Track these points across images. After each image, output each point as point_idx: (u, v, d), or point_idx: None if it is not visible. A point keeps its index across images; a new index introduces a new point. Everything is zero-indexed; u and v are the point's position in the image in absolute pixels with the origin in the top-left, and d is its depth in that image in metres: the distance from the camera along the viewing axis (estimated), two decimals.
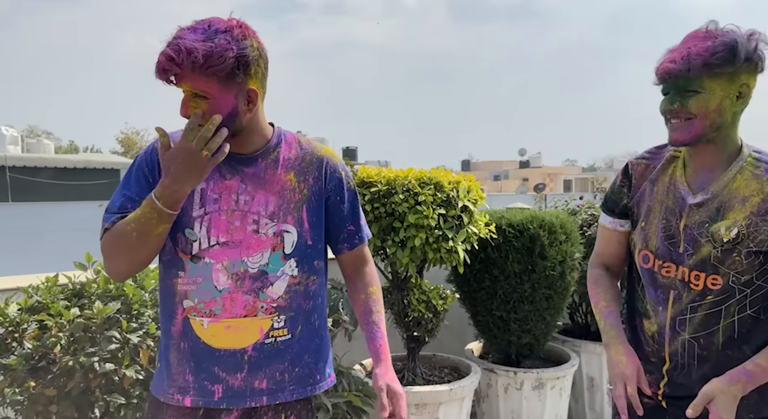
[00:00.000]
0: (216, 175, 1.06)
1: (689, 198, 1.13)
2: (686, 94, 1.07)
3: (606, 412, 2.85)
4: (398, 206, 2.16)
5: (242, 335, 1.07)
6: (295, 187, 1.10)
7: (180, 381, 1.07)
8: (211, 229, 1.05)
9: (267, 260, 1.08)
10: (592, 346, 2.83)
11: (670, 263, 1.15)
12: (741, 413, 1.09)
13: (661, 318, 1.16)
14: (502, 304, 2.51)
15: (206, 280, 1.05)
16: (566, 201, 3.30)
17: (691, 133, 1.08)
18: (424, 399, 2.16)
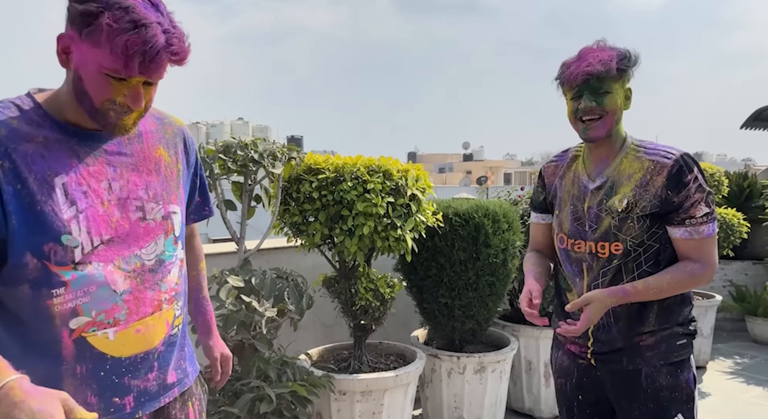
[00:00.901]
0: (74, 162, 0.88)
1: (590, 184, 1.38)
2: (600, 95, 1.28)
3: (542, 393, 3.00)
4: (346, 194, 2.13)
5: (152, 334, 0.98)
6: (170, 162, 1.02)
7: None
8: (91, 228, 0.89)
9: (163, 247, 0.99)
10: (531, 330, 2.95)
11: (579, 240, 1.38)
12: (653, 361, 1.33)
13: (579, 288, 1.38)
14: (448, 291, 2.56)
15: (101, 286, 0.90)
16: (508, 192, 3.41)
17: (605, 128, 1.31)
18: (370, 386, 2.17)
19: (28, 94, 0.91)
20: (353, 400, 2.18)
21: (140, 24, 0.81)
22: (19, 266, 0.85)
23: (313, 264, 2.79)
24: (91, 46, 0.82)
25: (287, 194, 2.26)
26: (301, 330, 2.85)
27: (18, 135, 0.85)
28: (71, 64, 0.86)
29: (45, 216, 0.85)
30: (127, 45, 0.80)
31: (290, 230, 2.31)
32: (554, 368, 1.52)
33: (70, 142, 0.89)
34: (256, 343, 1.87)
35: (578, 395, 1.44)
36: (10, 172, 0.83)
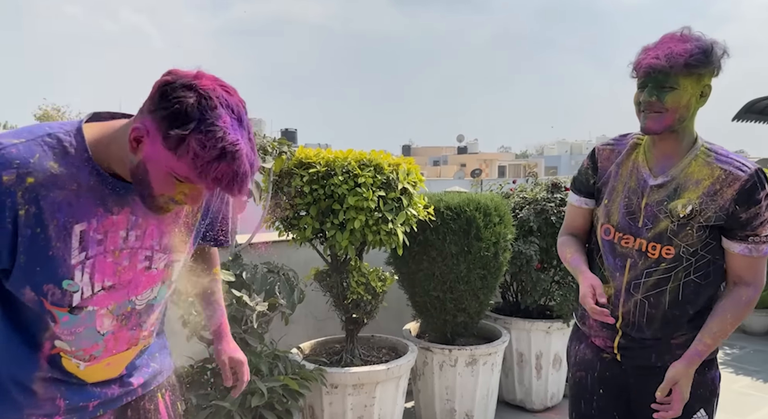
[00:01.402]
0: (100, 210, 0.88)
1: (650, 180, 1.30)
2: (663, 90, 1.20)
3: (534, 385, 3.02)
4: (338, 188, 2.13)
5: (120, 365, 1.01)
6: (189, 212, 1.01)
7: (47, 408, 0.94)
8: (94, 274, 0.89)
9: (156, 293, 1.00)
10: (522, 323, 2.98)
11: (629, 235, 1.32)
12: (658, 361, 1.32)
13: (618, 282, 1.34)
14: (439, 285, 2.56)
15: (88, 328, 0.92)
16: (500, 185, 3.42)
17: (663, 124, 1.23)
18: (362, 379, 2.18)
19: (78, 130, 0.88)
20: (345, 393, 2.19)
21: (229, 152, 0.78)
22: (18, 293, 0.87)
23: (305, 258, 2.79)
24: (172, 155, 0.79)
25: (278, 189, 2.25)
26: (293, 323, 2.85)
27: (53, 182, 0.84)
28: (139, 153, 0.82)
29: (53, 261, 0.85)
30: (216, 175, 0.79)
31: (281, 225, 2.31)
32: (573, 360, 1.48)
33: (103, 191, 0.88)
34: (247, 337, 1.87)
35: (599, 389, 1.41)
36: (33, 217, 0.83)
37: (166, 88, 0.79)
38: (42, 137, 0.85)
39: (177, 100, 0.77)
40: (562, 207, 3.06)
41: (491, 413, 2.75)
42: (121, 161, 0.87)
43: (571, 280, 3.03)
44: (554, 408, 3.10)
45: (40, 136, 0.85)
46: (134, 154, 0.83)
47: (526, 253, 2.91)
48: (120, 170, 0.88)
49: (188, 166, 0.79)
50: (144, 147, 0.81)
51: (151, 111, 0.80)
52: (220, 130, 0.77)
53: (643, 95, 1.23)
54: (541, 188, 3.22)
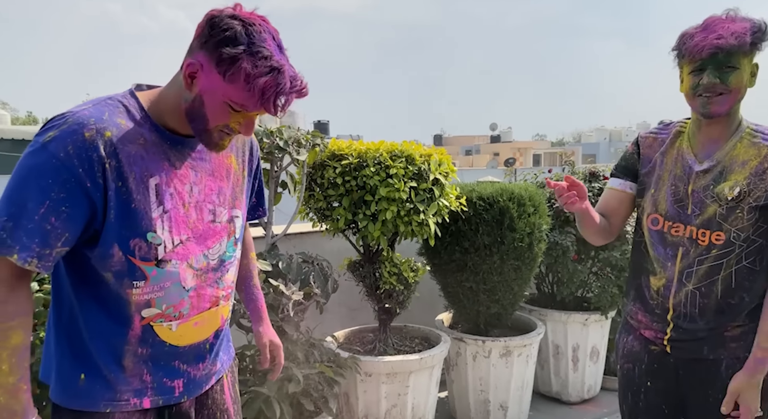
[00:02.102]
0: (166, 165, 0.95)
1: (696, 166, 1.29)
2: (725, 71, 1.19)
3: (570, 377, 2.98)
4: (369, 179, 2.14)
5: (207, 327, 1.05)
6: (237, 170, 1.08)
7: (135, 384, 0.99)
8: (172, 228, 0.95)
9: (225, 248, 1.05)
10: (558, 314, 2.93)
11: (679, 223, 1.30)
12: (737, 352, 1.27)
13: (669, 272, 1.32)
14: (472, 275, 2.55)
15: (174, 283, 0.97)
16: (535, 174, 3.35)
17: (727, 105, 1.22)
18: (395, 368, 2.21)
19: (131, 93, 0.96)
20: (379, 382, 2.22)
21: (276, 69, 0.87)
22: (106, 256, 0.91)
23: (338, 248, 2.83)
24: (226, 81, 0.87)
25: (312, 180, 2.29)
26: (327, 312, 2.91)
27: (125, 135, 0.91)
28: (195, 88, 0.91)
29: (137, 213, 0.91)
30: (264, 89, 0.87)
31: (315, 216, 2.35)
32: (621, 352, 1.46)
33: (164, 145, 0.95)
34: (283, 325, 1.92)
35: (647, 381, 1.39)
36: (115, 170, 0.89)
37: (214, 20, 0.87)
38: (104, 101, 0.93)
39: (226, 28, 0.86)
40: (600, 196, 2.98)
41: (526, 404, 2.73)
42: (173, 115, 0.95)
43: (609, 272, 2.95)
44: (591, 400, 3.05)
45: (102, 100, 0.93)
46: (189, 90, 0.91)
47: (563, 244, 2.86)
48: (174, 124, 0.96)
49: (240, 86, 0.87)
50: (199, 81, 0.90)
51: (203, 44, 0.88)
52: (267, 51, 0.87)
53: (706, 78, 1.20)
54: (578, 176, 3.14)
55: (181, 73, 0.93)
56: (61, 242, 0.86)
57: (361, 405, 2.26)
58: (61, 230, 0.86)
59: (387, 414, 2.25)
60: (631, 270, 1.46)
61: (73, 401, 0.96)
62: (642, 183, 1.39)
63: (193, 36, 0.90)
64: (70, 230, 0.87)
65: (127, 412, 0.98)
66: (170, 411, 1.05)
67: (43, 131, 0.87)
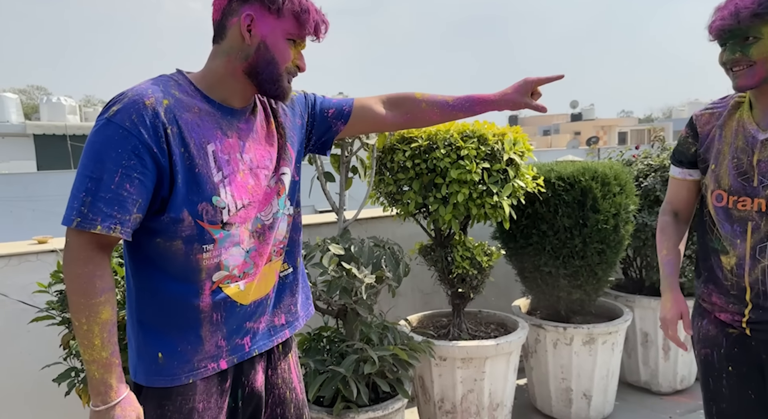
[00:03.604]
0: (219, 133, 0.99)
1: (759, 135, 1.22)
2: (745, 43, 1.16)
3: (660, 367, 2.77)
4: (440, 162, 2.10)
5: (266, 282, 1.10)
6: (275, 130, 1.12)
7: (212, 351, 1.03)
8: (234, 192, 1.00)
9: (277, 206, 1.10)
10: (647, 301, 2.73)
11: (745, 197, 1.24)
12: None
13: (740, 249, 1.25)
14: (551, 260, 2.43)
15: (236, 245, 1.02)
16: (621, 152, 3.11)
17: (755, 77, 1.18)
18: (470, 353, 2.17)
19: (179, 72, 1.03)
20: (454, 366, 2.20)
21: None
22: (177, 222, 0.95)
23: (409, 233, 2.82)
24: (280, 18, 0.99)
25: (382, 164, 2.29)
26: (399, 296, 2.93)
27: (181, 104, 0.96)
28: (255, 38, 0.99)
29: (201, 178, 0.96)
30: (311, 11, 1.00)
31: (385, 200, 2.35)
32: (697, 337, 1.40)
33: (216, 115, 1.00)
34: (357, 308, 1.95)
35: (728, 366, 1.32)
36: (177, 136, 0.94)
37: None
38: (156, 78, 0.99)
39: None
40: None
41: (612, 394, 2.58)
42: (223, 86, 1.01)
43: None
44: (685, 391, 2.82)
45: (153, 78, 0.99)
46: (249, 43, 0.99)
47: (652, 225, 2.64)
48: (223, 95, 1.02)
49: (293, 17, 0.99)
50: (257, 30, 0.99)
51: (245, 0, 0.98)
52: None
53: (726, 54, 1.20)
54: (669, 153, 2.87)
55: (223, 43, 1.00)
56: (136, 208, 0.91)
57: (437, 388, 2.26)
58: (135, 196, 0.90)
59: (463, 398, 2.23)
60: (700, 251, 1.40)
61: (156, 379, 1.01)
62: (704, 161, 1.34)
63: (224, 2, 0.99)
64: (143, 196, 0.91)
65: (207, 378, 1.04)
66: (243, 392, 1.11)
67: (106, 109, 0.92)
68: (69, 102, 17.98)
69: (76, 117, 17.84)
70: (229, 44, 1.01)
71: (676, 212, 1.46)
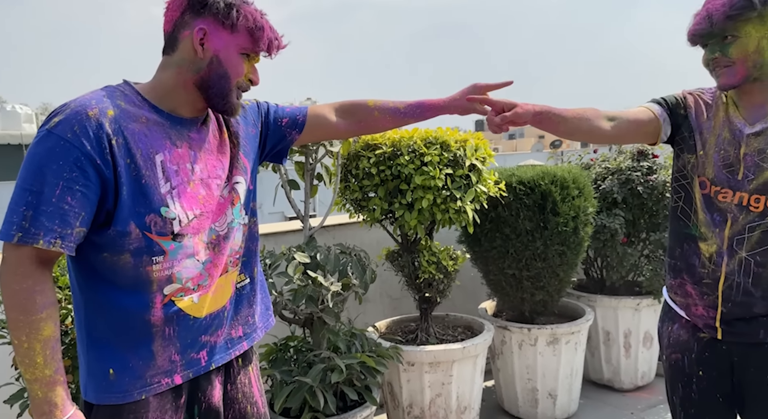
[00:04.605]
0: (168, 143, 0.99)
1: (746, 129, 1.23)
2: (724, 43, 1.17)
3: (622, 364, 2.86)
4: (404, 168, 2.12)
5: (222, 294, 1.09)
6: (228, 140, 1.12)
7: (165, 366, 1.01)
8: (183, 203, 0.99)
9: (232, 216, 1.09)
10: (608, 300, 2.81)
11: (727, 189, 1.24)
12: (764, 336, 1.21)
13: (719, 238, 1.25)
14: (514, 262, 2.49)
15: (189, 256, 1.01)
16: (580, 156, 3.21)
17: (737, 76, 1.19)
18: (438, 357, 2.19)
19: (126, 82, 1.02)
20: (422, 371, 2.22)
21: (262, 14, 1.03)
22: (123, 235, 0.93)
23: (377, 239, 2.83)
24: (233, 33, 0.99)
25: (347, 171, 2.29)
26: (368, 302, 2.93)
27: (127, 115, 0.95)
28: (208, 52, 1.00)
29: (148, 189, 0.94)
30: (265, 27, 1.01)
31: (351, 207, 2.35)
32: (667, 342, 1.38)
33: (165, 125, 1.00)
34: (324, 316, 1.94)
35: (698, 370, 1.31)
36: (122, 147, 0.92)
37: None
38: (100, 90, 0.98)
39: None
40: (649, 176, 2.82)
41: (576, 392, 2.65)
42: (172, 97, 1.01)
43: (661, 254, 2.80)
44: (645, 387, 2.92)
45: (98, 90, 0.98)
46: (202, 57, 1.00)
47: (611, 227, 2.73)
48: (173, 106, 1.01)
49: (247, 32, 1.00)
50: (210, 43, 0.99)
51: (199, 12, 0.98)
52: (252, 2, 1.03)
53: (706, 54, 1.21)
54: (625, 156, 2.98)
55: (174, 55, 1.00)
56: (79, 221, 0.89)
57: (405, 394, 2.27)
58: (78, 209, 0.88)
59: (432, 403, 2.24)
60: (673, 240, 1.35)
61: (106, 397, 0.98)
62: (692, 139, 1.29)
63: (176, 14, 0.99)
64: (86, 209, 0.89)
65: (161, 393, 1.01)
66: (200, 408, 1.09)
67: (47, 120, 0.90)
68: (25, 110, 17.26)
69: (32, 126, 17.13)
70: (181, 56, 1.00)
71: (613, 118, 1.29)
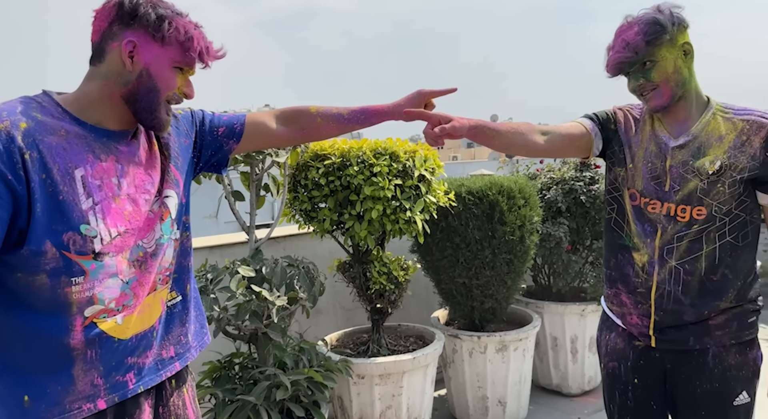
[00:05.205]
0: (90, 157, 0.94)
1: (671, 142, 1.29)
2: (644, 69, 1.23)
3: (570, 369, 2.94)
4: (353, 179, 2.11)
5: (149, 314, 1.03)
6: (158, 152, 1.08)
7: (87, 390, 0.95)
8: (106, 219, 0.94)
9: (160, 232, 1.04)
10: (554, 307, 2.89)
11: (655, 200, 1.29)
12: (723, 340, 1.27)
13: (650, 248, 1.30)
14: (464, 271, 2.52)
15: (112, 276, 0.96)
16: (527, 166, 3.30)
17: (664, 97, 1.25)
18: (388, 369, 2.18)
19: (45, 93, 0.96)
20: (372, 384, 2.19)
21: (196, 25, 1.00)
22: (38, 254, 0.87)
23: (329, 250, 2.79)
24: (164, 46, 0.96)
25: (296, 182, 2.26)
26: (321, 314, 2.88)
27: (44, 127, 0.90)
28: (137, 65, 0.95)
29: (66, 206, 0.89)
30: (198, 39, 0.98)
31: (301, 217, 2.32)
32: (605, 350, 1.42)
33: (88, 137, 0.95)
34: (269, 332, 1.89)
35: (634, 378, 1.35)
36: (37, 162, 0.87)
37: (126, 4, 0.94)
38: (15, 100, 0.93)
39: (141, 4, 0.94)
40: (591, 186, 2.93)
41: (525, 399, 2.70)
42: (97, 109, 0.96)
43: None
44: (592, 391, 3.01)
45: (12, 100, 0.93)
46: (131, 70, 0.96)
47: (555, 235, 2.81)
48: (98, 118, 0.97)
49: (179, 45, 0.97)
50: (139, 56, 0.95)
51: (129, 23, 0.94)
52: (179, 10, 0.99)
53: (631, 82, 1.27)
54: (569, 166, 3.09)
55: (101, 66, 0.96)
56: None
57: (355, 407, 2.24)
58: None
59: (382, 415, 2.22)
60: (609, 250, 1.40)
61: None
62: (621, 152, 1.35)
63: (104, 25, 0.95)
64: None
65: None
66: None
67: None
68: None
69: None
70: (108, 68, 0.96)
71: (546, 133, 1.31)
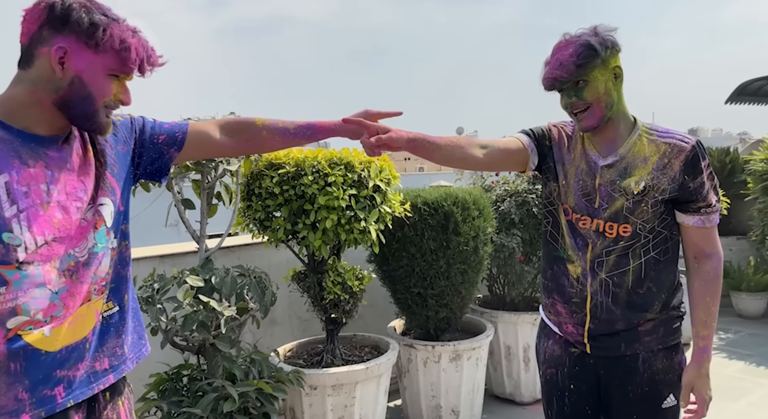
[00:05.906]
0: (17, 163, 0.91)
1: (600, 161, 1.34)
2: (577, 87, 1.27)
3: (522, 378, 3.00)
4: (308, 188, 2.11)
5: (82, 325, 1.00)
6: (93, 158, 1.05)
7: (10, 405, 0.91)
8: (32, 227, 0.91)
9: (94, 240, 1.01)
10: (508, 316, 2.95)
11: (586, 216, 1.35)
12: (652, 345, 1.33)
13: (582, 260, 1.36)
14: (420, 281, 2.54)
15: (39, 286, 0.92)
16: (483, 177, 3.38)
17: (595, 116, 1.29)
18: (341, 379, 2.17)
19: None
20: (324, 394, 2.18)
21: (135, 31, 0.96)
22: None
23: (285, 259, 2.77)
24: (99, 52, 0.93)
25: (250, 190, 2.23)
26: (276, 325, 2.85)
27: None
28: (69, 72, 0.92)
29: None
30: (137, 47, 0.95)
31: (254, 227, 2.29)
32: (543, 358, 1.47)
33: (14, 143, 0.91)
34: (217, 343, 1.85)
35: (570, 384, 1.40)
36: None
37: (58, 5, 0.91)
38: None
39: (75, 7, 0.91)
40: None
41: (478, 408, 2.73)
42: (26, 113, 0.93)
43: None
44: None
45: None
46: (62, 77, 0.92)
47: (509, 246, 2.89)
48: (26, 123, 0.94)
49: (115, 52, 0.93)
50: (71, 63, 0.92)
51: (60, 29, 0.91)
52: (117, 16, 0.96)
53: (564, 99, 1.30)
54: (522, 179, 3.18)
55: (29, 72, 0.93)
56: None
57: (307, 418, 2.21)
58: None
59: None
60: (546, 261, 1.45)
61: None
62: (555, 169, 1.38)
63: (33, 27, 0.92)
64: None
65: None
66: None
67: None
68: None
69: None
70: (37, 74, 0.92)
71: (485, 146, 1.31)
